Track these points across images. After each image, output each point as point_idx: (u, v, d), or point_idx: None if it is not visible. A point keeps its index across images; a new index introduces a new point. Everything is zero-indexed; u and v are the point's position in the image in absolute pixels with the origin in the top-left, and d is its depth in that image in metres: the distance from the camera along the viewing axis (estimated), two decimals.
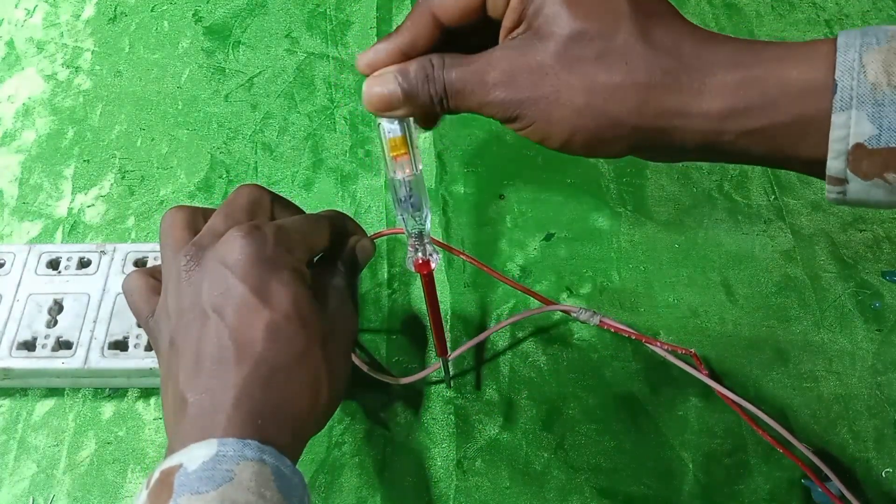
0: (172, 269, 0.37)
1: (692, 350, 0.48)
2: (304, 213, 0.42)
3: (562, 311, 0.51)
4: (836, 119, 0.29)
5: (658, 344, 0.49)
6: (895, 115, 0.29)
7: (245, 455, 0.32)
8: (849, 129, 0.29)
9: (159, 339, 0.37)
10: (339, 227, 0.42)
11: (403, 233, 0.53)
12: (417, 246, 0.40)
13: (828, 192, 0.32)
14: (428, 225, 0.39)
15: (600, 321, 0.49)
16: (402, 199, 0.38)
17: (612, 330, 0.49)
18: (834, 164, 0.30)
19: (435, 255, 0.41)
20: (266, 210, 0.40)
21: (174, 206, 0.40)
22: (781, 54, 0.31)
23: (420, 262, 0.40)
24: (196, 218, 0.39)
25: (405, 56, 0.35)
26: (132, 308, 0.40)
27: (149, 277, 0.40)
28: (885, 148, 0.29)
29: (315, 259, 0.41)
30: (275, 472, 0.32)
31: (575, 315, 0.50)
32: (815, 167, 0.31)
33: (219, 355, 0.34)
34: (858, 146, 0.29)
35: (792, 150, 0.31)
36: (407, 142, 0.36)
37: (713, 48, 0.32)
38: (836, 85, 0.29)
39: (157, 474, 0.32)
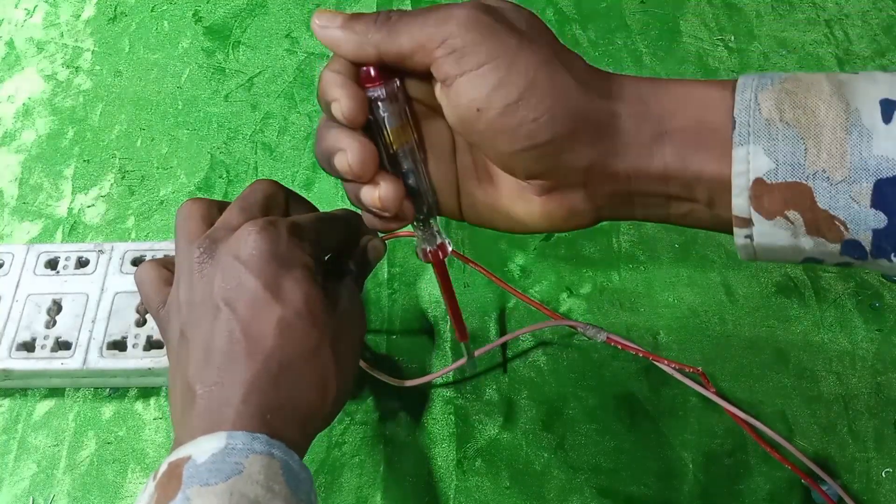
0: (185, 260, 0.37)
1: (699, 368, 0.48)
2: (318, 210, 0.42)
3: (568, 326, 0.50)
4: (737, 154, 0.31)
5: (665, 362, 0.48)
6: (788, 150, 0.30)
7: (254, 448, 0.32)
8: (748, 163, 0.31)
9: (169, 330, 0.37)
10: (352, 227, 0.42)
11: (413, 235, 0.54)
12: (426, 235, 0.38)
13: (736, 239, 0.33)
14: (435, 212, 0.37)
15: (607, 338, 0.49)
16: (410, 186, 0.35)
17: (620, 346, 0.49)
18: (738, 203, 0.31)
19: (447, 244, 0.38)
20: (281, 206, 0.40)
21: (190, 198, 0.40)
22: (681, 96, 0.33)
23: (430, 251, 0.38)
24: (212, 210, 0.39)
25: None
26: (143, 298, 0.40)
27: (161, 268, 0.40)
28: (783, 183, 0.30)
29: (326, 257, 0.41)
30: (283, 467, 0.32)
31: (581, 331, 0.49)
32: (722, 207, 0.32)
33: (229, 349, 0.34)
34: (758, 181, 0.31)
35: (699, 181, 0.32)
36: (409, 127, 0.35)
37: (618, 80, 0.34)
38: (735, 121, 0.31)
39: (164, 466, 0.32)
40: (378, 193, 0.34)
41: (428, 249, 0.38)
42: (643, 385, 0.49)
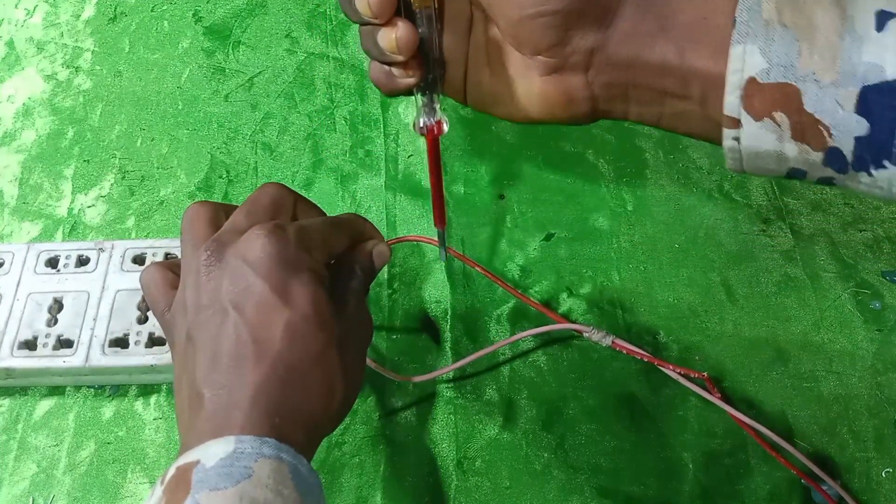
0: (192, 263, 0.37)
1: (704, 374, 0.48)
2: (326, 214, 0.43)
3: (574, 330, 0.50)
4: (734, 52, 0.32)
5: (671, 367, 0.48)
6: (783, 52, 0.31)
7: (263, 452, 0.32)
8: (743, 62, 0.32)
9: (175, 333, 0.37)
10: (358, 231, 0.42)
11: (418, 239, 0.54)
12: (426, 108, 0.39)
13: (725, 141, 0.34)
14: (440, 86, 0.38)
15: (612, 342, 0.49)
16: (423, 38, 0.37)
17: (625, 352, 0.49)
18: (730, 101, 0.32)
19: (443, 122, 0.40)
20: (288, 210, 0.40)
21: (197, 201, 0.40)
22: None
23: (427, 125, 0.39)
24: (218, 214, 0.39)
25: None
26: (149, 301, 0.40)
27: (167, 271, 0.40)
28: (774, 84, 0.31)
29: (332, 261, 0.41)
30: (292, 471, 0.32)
31: (587, 335, 0.49)
32: (714, 107, 0.33)
33: (237, 352, 0.34)
34: (751, 81, 0.32)
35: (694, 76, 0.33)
36: None
37: None
38: (736, 21, 0.32)
39: (172, 470, 0.32)
40: (395, 34, 0.35)
41: (425, 122, 0.39)
42: (643, 385, 0.49)
